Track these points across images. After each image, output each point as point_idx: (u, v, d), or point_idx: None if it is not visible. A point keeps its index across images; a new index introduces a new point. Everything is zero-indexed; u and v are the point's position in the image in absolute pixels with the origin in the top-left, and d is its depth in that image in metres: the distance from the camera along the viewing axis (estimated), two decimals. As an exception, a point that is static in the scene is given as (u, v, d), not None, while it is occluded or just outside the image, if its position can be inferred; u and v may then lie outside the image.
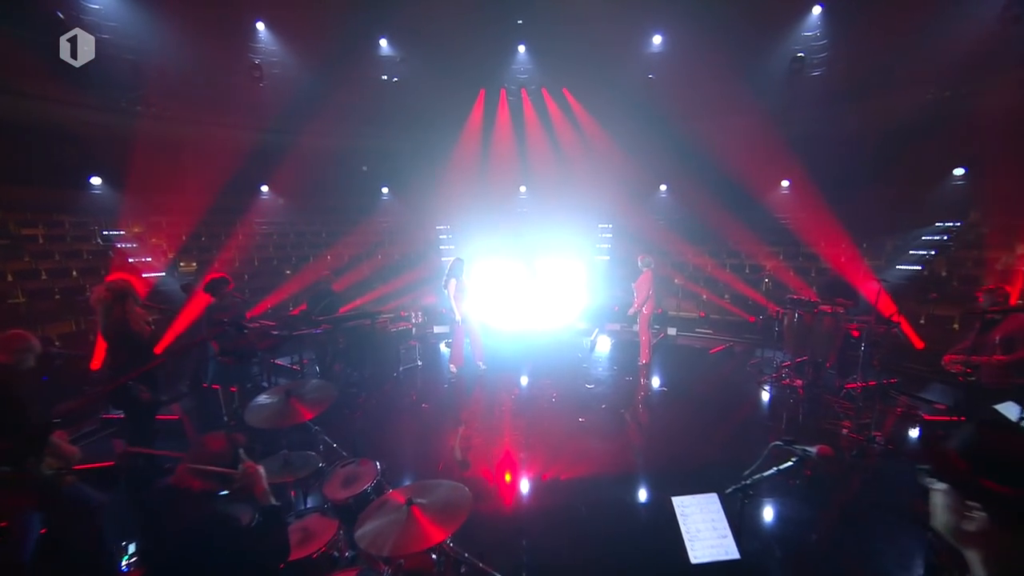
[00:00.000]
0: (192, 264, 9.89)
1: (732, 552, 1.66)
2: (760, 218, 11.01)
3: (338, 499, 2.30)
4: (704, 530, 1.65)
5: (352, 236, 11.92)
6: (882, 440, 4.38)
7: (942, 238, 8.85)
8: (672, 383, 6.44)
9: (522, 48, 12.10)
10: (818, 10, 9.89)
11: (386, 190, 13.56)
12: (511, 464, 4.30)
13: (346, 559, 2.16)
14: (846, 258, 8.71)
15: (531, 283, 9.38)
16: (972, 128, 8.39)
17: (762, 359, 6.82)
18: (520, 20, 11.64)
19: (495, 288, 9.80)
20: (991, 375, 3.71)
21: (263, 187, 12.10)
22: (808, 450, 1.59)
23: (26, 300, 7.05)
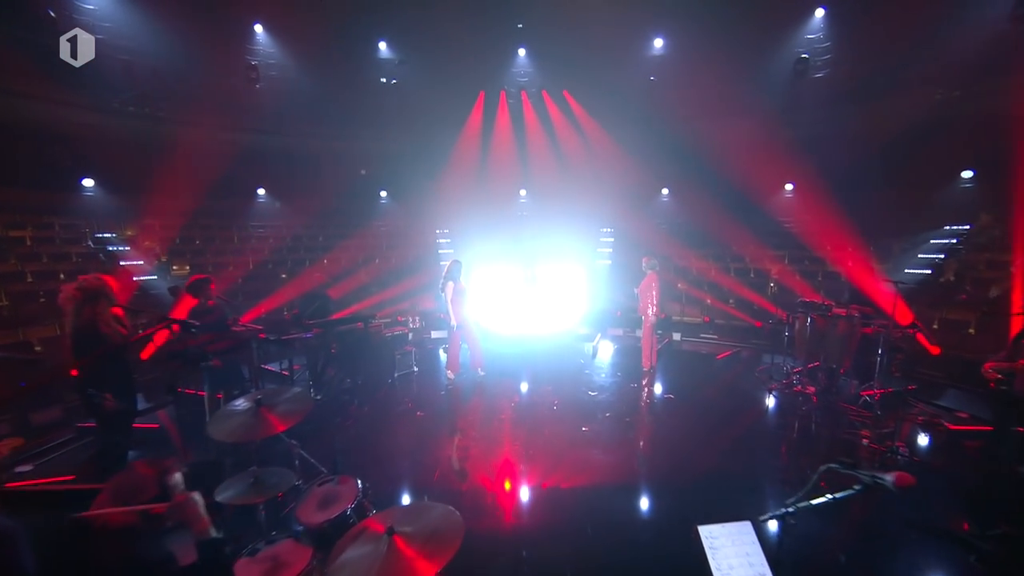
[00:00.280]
0: (185, 267, 9.67)
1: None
2: (764, 222, 10.81)
3: (313, 523, 2.05)
4: (738, 565, 1.40)
5: (350, 240, 11.73)
6: (906, 452, 4.12)
7: (951, 241, 8.66)
8: (678, 390, 6.18)
9: (522, 51, 12.00)
10: (821, 12, 9.80)
11: (384, 194, 13.38)
12: (510, 476, 4.04)
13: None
14: (853, 261, 8.49)
15: (531, 288, 9.15)
16: (981, 130, 8.21)
17: (772, 365, 6.57)
18: (520, 24, 11.56)
19: (495, 293, 9.58)
20: (1024, 383, 3.48)
21: (259, 190, 11.92)
22: (881, 478, 1.33)
23: (9, 303, 6.82)
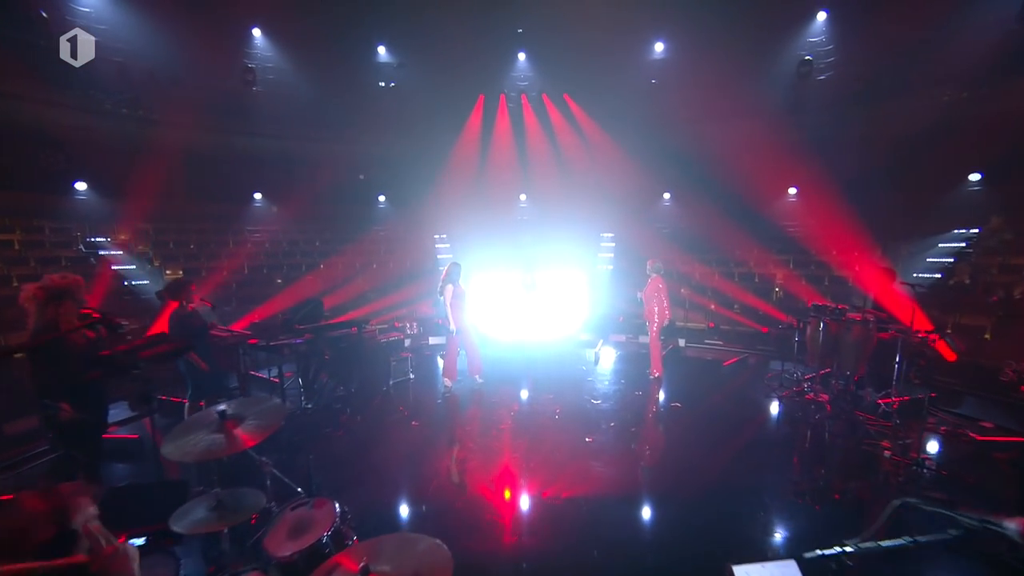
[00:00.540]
0: (179, 272, 9.48)
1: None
2: (767, 226, 10.63)
3: (282, 555, 1.80)
4: (783, 614, 1.17)
5: (347, 245, 11.54)
6: (933, 465, 3.86)
7: (960, 245, 8.47)
8: (685, 398, 5.92)
9: (522, 56, 11.92)
10: (823, 16, 9.70)
11: (383, 198, 13.23)
12: (510, 490, 3.79)
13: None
14: (864, 265, 8.28)
15: (530, 294, 8.92)
16: (989, 131, 8.06)
17: (782, 371, 6.32)
18: (520, 29, 11.49)
19: (494, 299, 9.35)
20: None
21: (256, 194, 11.76)
22: (996, 524, 0.95)
23: (-7, 308, 6.59)
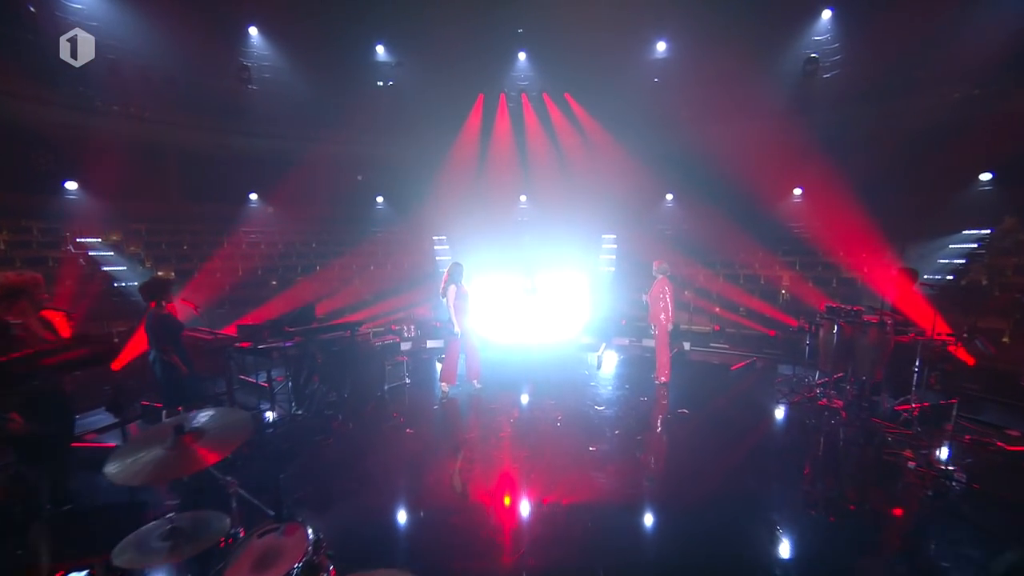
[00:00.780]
0: (171, 274, 9.26)
1: None
2: (773, 227, 10.41)
3: (243, 591, 1.56)
4: None
5: (344, 247, 11.33)
6: (963, 478, 3.60)
7: (972, 246, 8.24)
8: (692, 404, 5.67)
9: (522, 55, 11.78)
10: (828, 14, 9.54)
11: (381, 200, 13.04)
12: (509, 503, 3.53)
13: None
14: (876, 266, 8.06)
15: (531, 299, 8.70)
16: (1001, 130, 7.85)
17: (793, 376, 6.07)
18: (520, 29, 11.35)
19: (493, 301, 9.12)
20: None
21: (252, 195, 11.56)
22: None
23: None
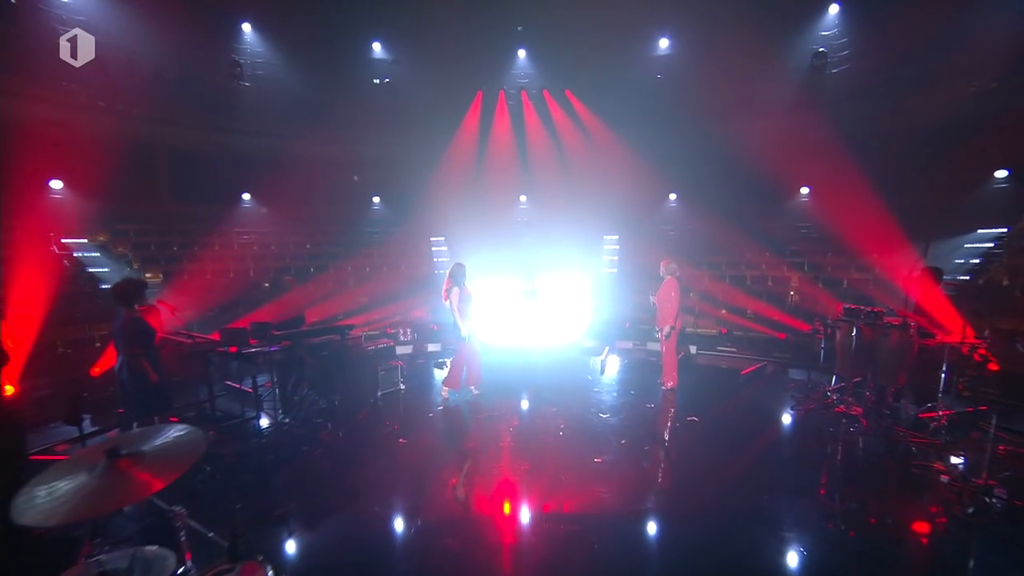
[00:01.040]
0: (159, 275, 8.97)
1: None
2: (780, 227, 10.14)
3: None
4: None
5: (340, 248, 11.05)
6: (1004, 494, 3.30)
7: (988, 245, 7.99)
8: (702, 411, 5.36)
9: (522, 53, 11.55)
10: (836, 8, 9.32)
11: (377, 200, 12.77)
12: (508, 523, 3.23)
13: None
14: (889, 268, 7.78)
15: (531, 303, 8.41)
16: (1019, 125, 7.59)
17: (808, 381, 5.78)
18: (520, 27, 11.14)
19: (493, 304, 8.82)
20: None
21: (244, 195, 11.27)
22: None
23: (-53, 312, 6.06)
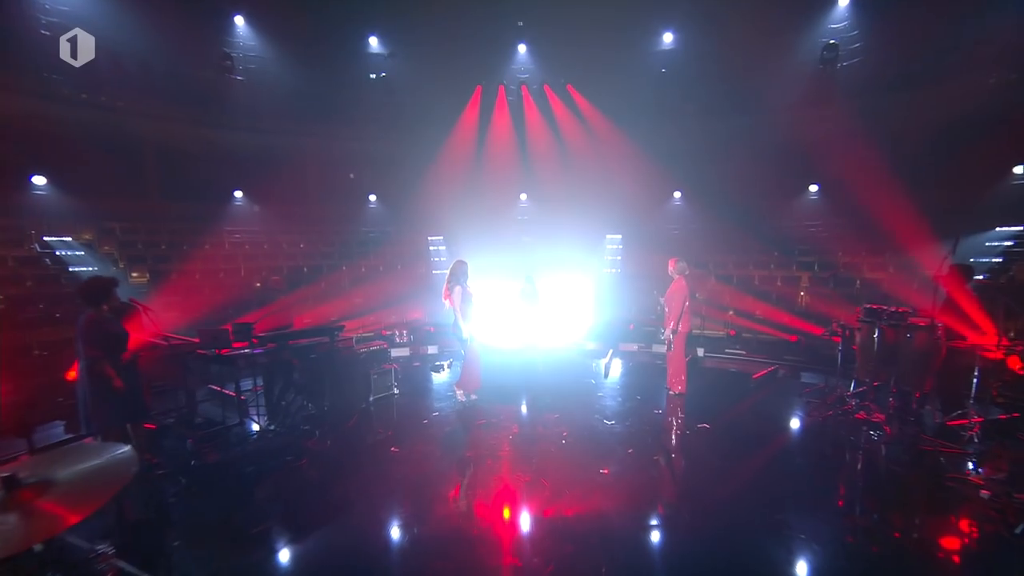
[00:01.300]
0: (145, 275, 8.66)
1: None
2: (789, 226, 9.85)
3: None
4: None
5: (335, 248, 10.76)
6: (1058, 512, 3.00)
7: (1008, 244, 7.70)
8: (713, 417, 5.06)
9: (523, 48, 11.28)
10: (845, 1, 9.05)
11: (373, 198, 12.47)
12: (508, 544, 2.92)
13: None
14: (895, 267, 7.50)
15: (530, 304, 8.11)
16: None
17: (825, 386, 5.48)
18: (520, 23, 10.87)
19: (492, 305, 8.52)
20: None
21: (236, 193, 10.96)
22: None
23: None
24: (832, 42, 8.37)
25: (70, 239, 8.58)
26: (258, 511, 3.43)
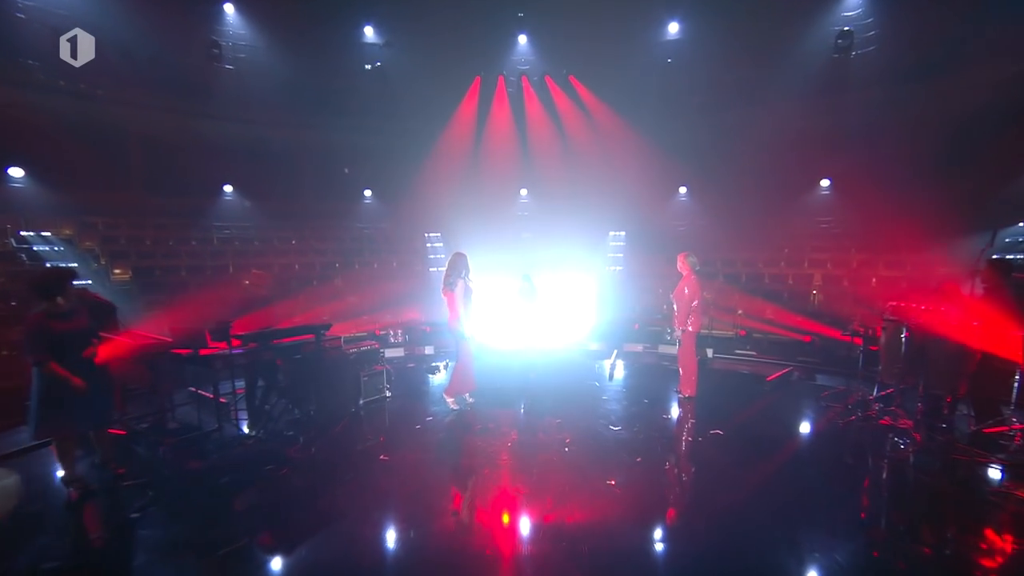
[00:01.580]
0: (127, 272, 8.31)
1: None
2: (800, 222, 9.52)
3: None
4: None
5: (328, 244, 10.41)
6: None
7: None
8: (726, 422, 4.73)
9: (523, 38, 10.94)
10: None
11: (368, 193, 12.12)
12: (507, 566, 2.59)
13: None
14: (913, 264, 7.18)
15: (528, 302, 7.79)
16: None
17: (847, 389, 5.16)
18: (521, 14, 10.54)
19: (490, 304, 8.18)
20: None
21: (226, 187, 10.59)
22: None
23: None
24: (847, 29, 8.03)
25: (49, 234, 8.24)
26: (231, 527, 3.09)
